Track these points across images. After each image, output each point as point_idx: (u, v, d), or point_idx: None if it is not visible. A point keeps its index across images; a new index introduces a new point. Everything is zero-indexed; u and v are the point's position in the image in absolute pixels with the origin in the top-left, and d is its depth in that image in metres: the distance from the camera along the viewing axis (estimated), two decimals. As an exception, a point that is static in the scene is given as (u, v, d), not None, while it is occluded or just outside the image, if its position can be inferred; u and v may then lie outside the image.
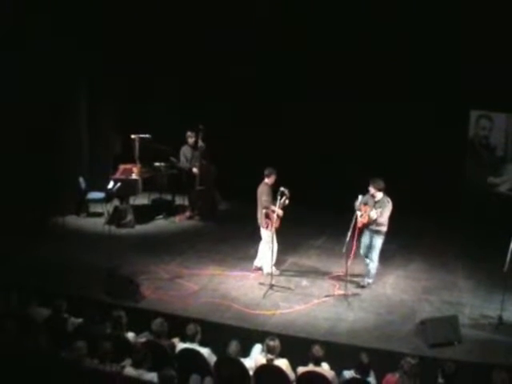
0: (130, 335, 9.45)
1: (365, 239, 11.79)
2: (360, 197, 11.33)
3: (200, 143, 15.16)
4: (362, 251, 11.87)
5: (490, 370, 8.24)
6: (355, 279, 12.02)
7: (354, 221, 11.17)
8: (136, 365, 8.57)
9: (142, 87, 16.77)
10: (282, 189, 11.88)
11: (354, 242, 11.47)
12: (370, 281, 12.02)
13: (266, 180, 12.25)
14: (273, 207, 12.03)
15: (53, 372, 8.30)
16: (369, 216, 11.44)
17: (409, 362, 8.27)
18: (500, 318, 10.36)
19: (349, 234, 11.05)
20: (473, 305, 11.20)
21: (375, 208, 11.43)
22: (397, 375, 8.33)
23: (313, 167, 15.48)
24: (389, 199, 11.52)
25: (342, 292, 11.44)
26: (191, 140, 15.29)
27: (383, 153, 14.86)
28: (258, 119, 16.13)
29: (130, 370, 8.52)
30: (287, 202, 12.03)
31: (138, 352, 8.76)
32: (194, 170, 15.26)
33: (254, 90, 16.07)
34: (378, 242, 11.64)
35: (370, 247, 11.75)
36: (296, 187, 12.10)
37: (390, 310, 11.02)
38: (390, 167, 12.21)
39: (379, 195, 11.53)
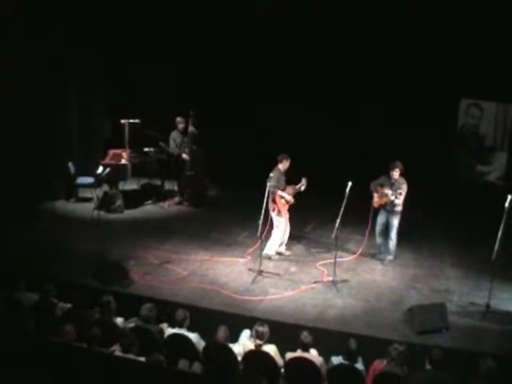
0: (119, 320, 9.45)
1: (381, 218, 12.27)
2: (350, 183, 11.33)
3: (191, 128, 15.14)
4: (377, 229, 12.35)
5: (477, 357, 8.29)
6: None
7: (345, 204, 11.25)
8: (124, 350, 8.58)
9: (132, 72, 16.72)
10: (303, 179, 12.31)
11: (369, 226, 12.16)
12: (392, 257, 12.44)
13: (279, 165, 12.33)
14: (280, 193, 12.14)
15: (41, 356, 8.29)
16: (387, 197, 11.83)
17: (396, 349, 8.31)
18: (488, 305, 10.41)
19: (338, 220, 11.11)
20: (461, 292, 11.24)
21: (392, 189, 11.79)
22: (384, 362, 8.37)
23: (302, 154, 15.46)
24: (404, 180, 11.93)
25: (330, 278, 11.46)
26: (181, 126, 15.27)
27: (372, 141, 14.89)
28: (250, 105, 16.14)
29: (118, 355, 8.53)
30: (302, 188, 12.34)
31: (127, 337, 8.77)
32: (184, 155, 15.25)
33: (249, 73, 16.05)
34: (395, 221, 12.12)
35: (386, 226, 12.23)
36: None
37: (378, 297, 11.05)
38: (378, 156, 12.25)
39: (397, 176, 11.91)
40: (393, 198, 11.75)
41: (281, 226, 12.45)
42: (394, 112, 15.01)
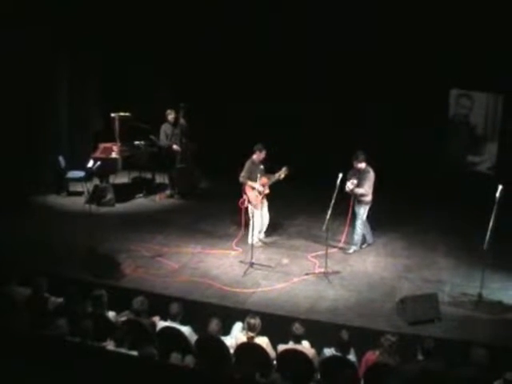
0: (111, 314, 9.43)
1: (355, 209, 12.27)
2: (340, 175, 11.35)
3: (181, 121, 15.12)
4: None
5: (469, 346, 8.32)
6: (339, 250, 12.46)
7: (335, 196, 11.26)
8: (117, 344, 8.57)
9: (122, 65, 16.67)
10: (284, 168, 12.29)
11: (349, 216, 12.11)
12: (356, 247, 12.44)
13: (253, 156, 12.40)
14: (250, 183, 12.18)
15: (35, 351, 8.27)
16: (348, 187, 11.86)
17: (389, 340, 8.33)
18: (479, 295, 10.43)
19: (329, 212, 11.10)
20: (453, 282, 11.25)
21: (359, 179, 11.84)
22: (377, 353, 8.38)
23: (294, 145, 15.48)
24: (370, 169, 11.96)
25: (322, 270, 11.46)
26: (171, 117, 15.24)
27: (364, 131, 14.90)
28: (239, 96, 16.11)
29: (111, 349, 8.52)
30: (282, 176, 12.35)
31: (119, 331, 8.76)
32: (175, 147, 15.21)
33: (237, 65, 16.03)
34: (361, 210, 12.14)
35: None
36: (277, 165, 12.22)
37: (370, 288, 11.06)
38: (370, 146, 12.25)
39: (363, 166, 11.92)
40: (351, 187, 11.83)
41: (256, 216, 12.47)
42: (385, 103, 15.00)
